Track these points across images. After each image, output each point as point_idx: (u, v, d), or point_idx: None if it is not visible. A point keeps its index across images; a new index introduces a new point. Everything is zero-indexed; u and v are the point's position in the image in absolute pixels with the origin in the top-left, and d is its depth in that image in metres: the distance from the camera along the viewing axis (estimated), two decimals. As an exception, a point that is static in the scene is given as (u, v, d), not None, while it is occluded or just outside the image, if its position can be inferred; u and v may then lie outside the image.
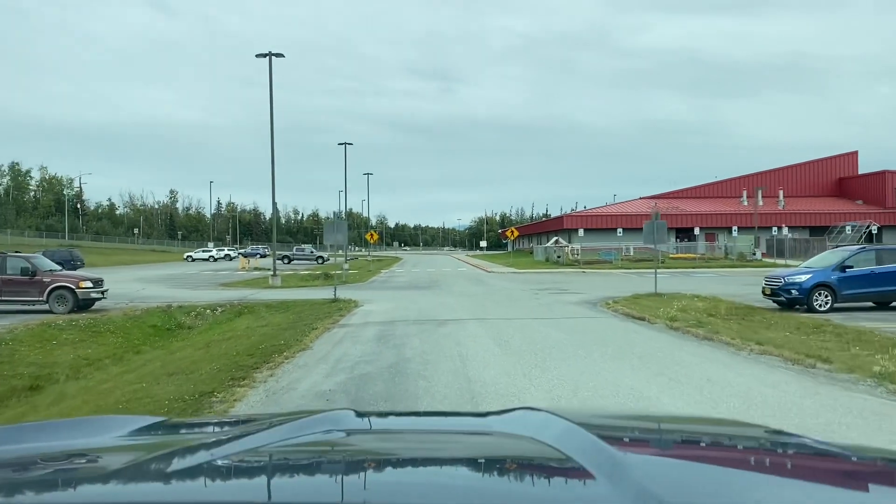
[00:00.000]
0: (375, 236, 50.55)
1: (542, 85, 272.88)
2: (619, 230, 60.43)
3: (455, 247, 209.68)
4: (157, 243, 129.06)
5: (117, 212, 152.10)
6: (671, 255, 48.90)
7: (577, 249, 52.23)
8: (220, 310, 21.94)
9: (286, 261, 71.63)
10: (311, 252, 74.26)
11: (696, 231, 61.44)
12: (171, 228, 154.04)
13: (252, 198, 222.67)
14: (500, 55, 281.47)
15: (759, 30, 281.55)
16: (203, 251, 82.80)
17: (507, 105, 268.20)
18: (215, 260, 77.88)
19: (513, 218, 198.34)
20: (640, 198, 72.43)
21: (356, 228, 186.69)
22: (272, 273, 36.29)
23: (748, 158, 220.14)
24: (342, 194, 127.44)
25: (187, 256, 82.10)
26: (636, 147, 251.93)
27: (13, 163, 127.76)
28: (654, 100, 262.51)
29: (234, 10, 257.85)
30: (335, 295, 22.79)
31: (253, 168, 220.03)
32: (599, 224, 64.10)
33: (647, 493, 1.07)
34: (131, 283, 34.94)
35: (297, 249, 74.68)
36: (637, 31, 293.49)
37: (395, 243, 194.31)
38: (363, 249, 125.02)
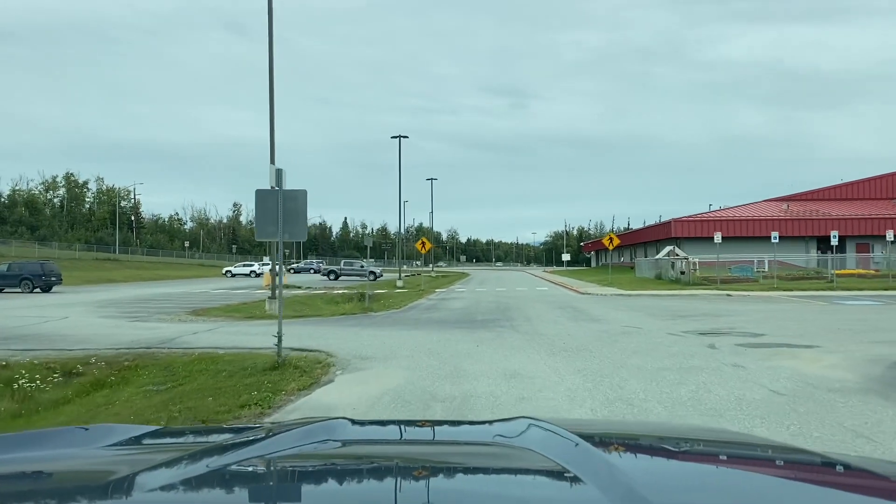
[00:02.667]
0: (428, 245, 38.75)
1: (615, 99, 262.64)
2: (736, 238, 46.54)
3: (529, 263, 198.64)
4: (216, 257, 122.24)
5: (185, 226, 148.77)
6: (838, 272, 34.95)
7: (695, 263, 38.97)
8: (80, 371, 10.60)
9: (332, 276, 61.03)
10: (362, 267, 63.16)
11: (835, 239, 47.01)
12: (234, 242, 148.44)
13: (326, 214, 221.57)
14: (571, 69, 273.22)
15: (845, 38, 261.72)
16: (244, 265, 73.19)
17: (579, 120, 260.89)
18: (257, 275, 68.05)
19: (591, 232, 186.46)
20: (765, 200, 58.29)
21: (428, 244, 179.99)
22: (270, 295, 24.92)
23: (841, 171, 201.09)
24: (404, 204, 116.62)
25: (226, 272, 72.69)
26: (714, 161, 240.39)
27: (68, 173, 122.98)
28: (732, 113, 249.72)
29: (308, 33, 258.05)
30: (280, 355, 10.84)
31: (324, 185, 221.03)
32: (712, 232, 50.43)
33: (641, 501, 1.07)
34: (63, 309, 24.16)
35: (345, 263, 63.83)
36: (713, 42, 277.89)
37: (463, 257, 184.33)
38: (426, 264, 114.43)
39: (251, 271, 70.30)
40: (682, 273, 36.39)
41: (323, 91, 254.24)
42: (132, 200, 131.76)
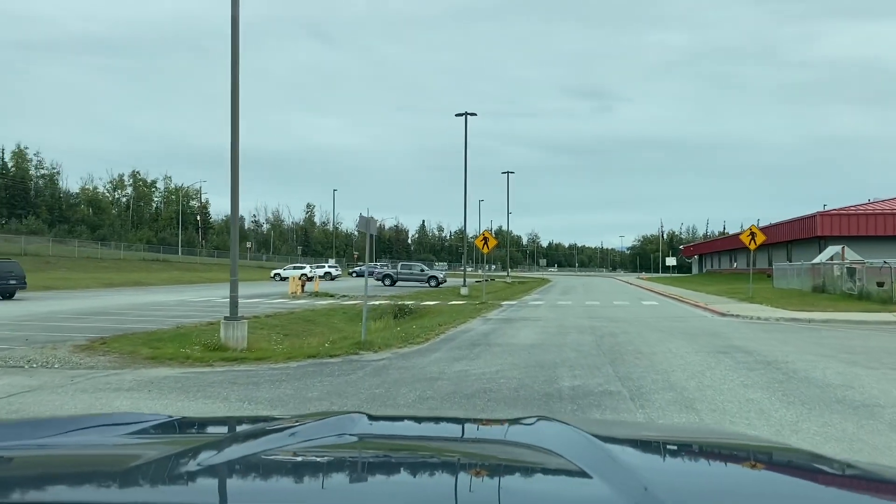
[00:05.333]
0: (492, 241, 28.65)
1: (703, 101, 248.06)
2: None
3: (615, 268, 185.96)
4: (288, 259, 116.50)
5: (261, 228, 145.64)
6: None
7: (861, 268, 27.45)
8: None
9: (388, 281, 51.94)
10: (422, 271, 53.85)
11: None
12: (305, 243, 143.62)
13: (403, 217, 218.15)
14: (657, 71, 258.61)
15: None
16: (294, 268, 65.15)
17: (666, 122, 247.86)
18: (309, 279, 59.87)
19: (683, 237, 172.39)
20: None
21: (504, 247, 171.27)
22: (227, 315, 15.64)
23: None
24: (480, 204, 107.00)
25: (274, 274, 64.87)
26: (809, 164, 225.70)
27: (134, 171, 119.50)
28: (828, 113, 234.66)
29: (391, 40, 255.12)
30: None
31: (403, 188, 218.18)
32: (875, 229, 38.39)
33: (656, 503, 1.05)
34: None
35: (402, 266, 54.64)
36: (806, 40, 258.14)
37: (544, 262, 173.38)
38: (504, 269, 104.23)
39: (302, 275, 62.11)
40: (858, 281, 24.82)
41: (404, 97, 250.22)
42: (201, 201, 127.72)
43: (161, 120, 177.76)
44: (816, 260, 31.77)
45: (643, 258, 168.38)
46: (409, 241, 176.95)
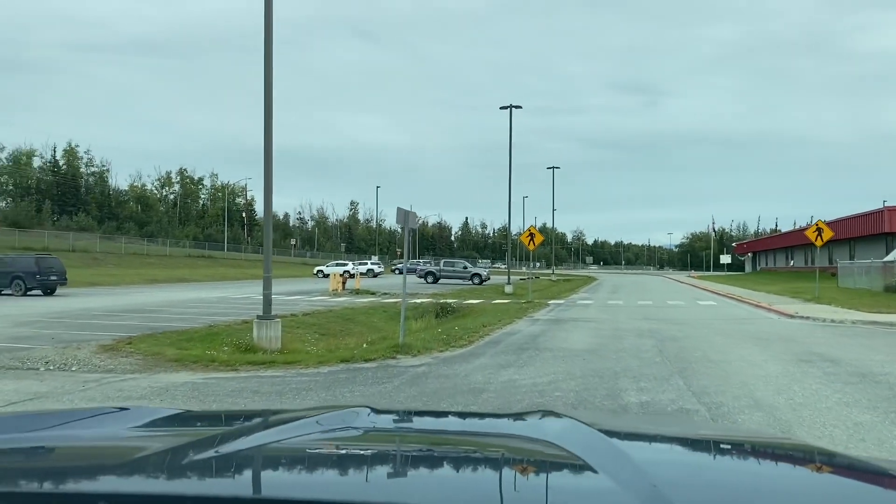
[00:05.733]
0: (538, 237, 27.28)
1: (756, 95, 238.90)
2: None
3: (662, 266, 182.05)
4: (332, 255, 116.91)
5: (306, 224, 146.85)
6: None
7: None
8: None
9: (430, 279, 51.09)
10: (465, 268, 52.77)
11: None
12: (349, 240, 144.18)
13: (446, 214, 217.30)
14: (707, 65, 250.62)
15: None
16: (337, 265, 64.66)
17: (715, 117, 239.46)
18: (351, 276, 59.36)
19: (733, 234, 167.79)
20: None
21: (549, 244, 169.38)
22: (261, 313, 14.83)
23: None
24: (524, 200, 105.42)
25: (317, 271, 64.59)
26: (865, 159, 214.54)
27: (181, 169, 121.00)
28: (886, 107, 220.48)
29: (435, 38, 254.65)
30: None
31: (447, 185, 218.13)
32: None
33: (662, 499, 1.04)
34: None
35: (445, 263, 53.69)
36: (864, 31, 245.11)
37: (590, 259, 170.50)
38: (549, 266, 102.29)
39: (344, 271, 61.64)
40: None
41: (448, 94, 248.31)
42: (246, 198, 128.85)
43: (208, 118, 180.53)
44: (890, 258, 29.57)
45: (692, 256, 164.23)
46: (452, 238, 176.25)
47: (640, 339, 13.86)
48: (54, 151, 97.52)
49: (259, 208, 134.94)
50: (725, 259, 63.44)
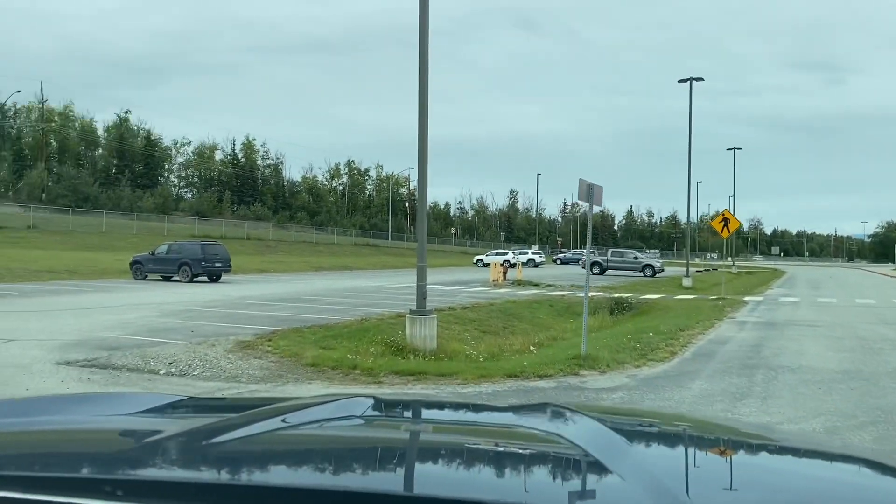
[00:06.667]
0: (734, 223, 23.33)
1: None
2: None
3: (851, 258, 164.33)
4: (492, 245, 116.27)
5: (467, 214, 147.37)
6: None
7: None
8: None
9: (597, 269, 47.61)
10: (635, 258, 48.84)
11: None
12: (509, 230, 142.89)
13: (608, 203, 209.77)
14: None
15: None
16: (496, 254, 62.84)
17: None
18: (511, 266, 57.33)
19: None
20: None
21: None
22: (414, 308, 12.96)
23: None
24: (697, 185, 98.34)
25: (477, 260, 63.05)
26: None
27: (349, 160, 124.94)
28: None
29: (597, 22, 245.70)
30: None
31: (608, 173, 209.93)
32: None
33: (666, 492, 1.04)
34: (87, 316, 14.39)
35: (613, 253, 49.95)
36: None
37: (776, 249, 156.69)
38: (723, 257, 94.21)
39: (504, 261, 59.62)
40: None
41: (610, 79, 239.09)
42: (409, 188, 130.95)
43: (373, 112, 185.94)
44: None
45: (887, 247, 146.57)
46: (616, 227, 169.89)
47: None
48: (234, 145, 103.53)
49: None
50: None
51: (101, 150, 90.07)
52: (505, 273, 32.92)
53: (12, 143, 76.99)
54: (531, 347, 14.26)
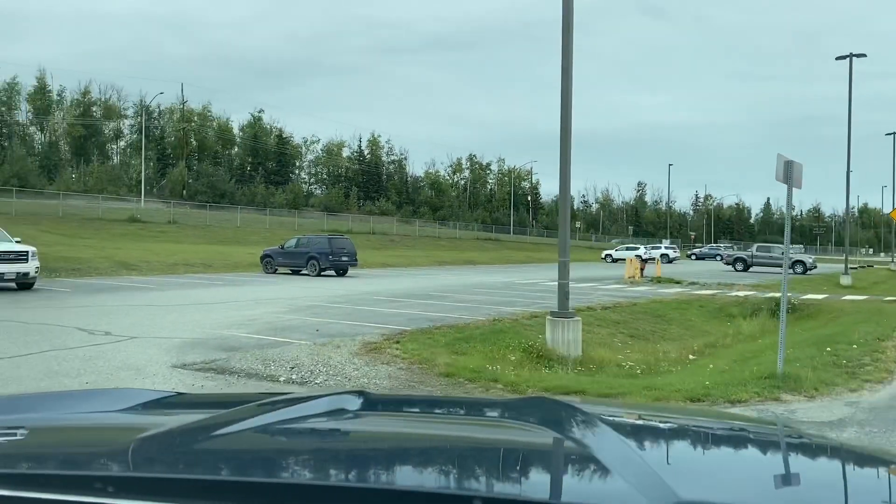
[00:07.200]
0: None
1: None
2: None
3: None
4: (619, 240, 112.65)
5: (590, 208, 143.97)
6: None
7: None
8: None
9: (740, 266, 44.15)
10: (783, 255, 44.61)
11: None
12: (637, 224, 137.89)
13: (743, 195, 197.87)
14: None
15: None
16: (627, 248, 60.01)
17: None
18: (644, 261, 54.43)
19: None
20: None
21: (872, 227, 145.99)
22: (556, 310, 11.55)
23: None
24: (848, 175, 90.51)
25: (606, 255, 60.40)
26: None
27: (471, 155, 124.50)
28: None
29: (729, 7, 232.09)
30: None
31: (742, 164, 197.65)
32: None
33: (660, 485, 1.03)
34: (199, 310, 13.94)
35: (758, 248, 46.23)
36: None
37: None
38: (878, 252, 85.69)
39: (636, 255, 56.71)
40: None
41: (743, 66, 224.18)
42: (531, 182, 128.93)
43: (495, 107, 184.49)
44: None
45: None
46: (752, 220, 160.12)
47: None
48: (360, 142, 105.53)
49: (544, 191, 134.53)
50: None
51: (236, 149, 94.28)
52: (642, 269, 30.67)
53: (156, 142, 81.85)
54: (690, 356, 12.44)
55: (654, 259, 43.63)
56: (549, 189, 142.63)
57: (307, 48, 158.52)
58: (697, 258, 70.27)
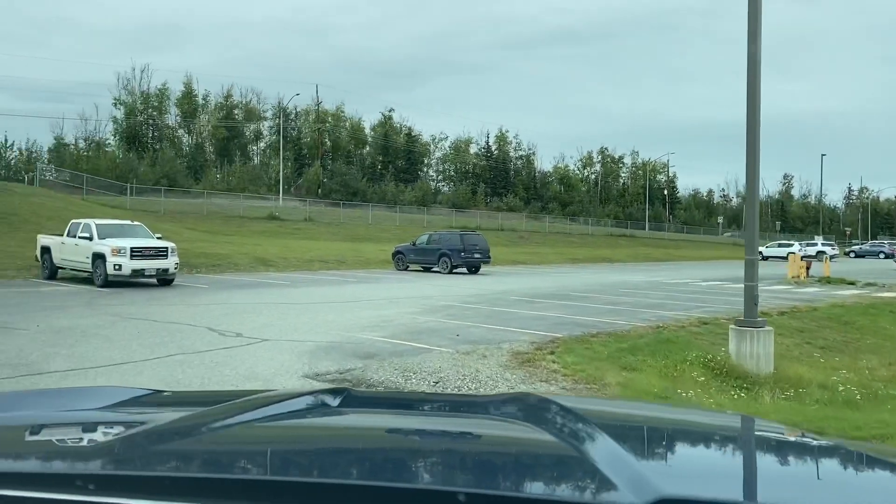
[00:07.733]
0: None
1: None
2: None
3: None
4: (764, 236, 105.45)
5: (730, 203, 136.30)
6: None
7: None
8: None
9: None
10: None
11: None
12: (783, 220, 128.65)
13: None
14: None
15: None
16: (779, 245, 55.51)
17: None
18: (813, 259, 49.97)
19: None
20: None
21: None
22: (742, 319, 9.64)
23: None
24: None
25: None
26: None
27: (602, 148, 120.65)
28: None
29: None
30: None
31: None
32: None
33: (645, 482, 1.02)
34: (344, 310, 13.12)
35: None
36: None
37: None
38: None
39: (789, 253, 52.09)
40: None
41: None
42: (667, 175, 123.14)
43: (627, 99, 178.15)
44: None
45: None
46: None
47: None
48: (487, 138, 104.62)
49: (681, 185, 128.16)
50: None
51: (368, 148, 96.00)
52: (808, 269, 27.46)
53: (293, 143, 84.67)
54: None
55: (819, 257, 39.47)
56: (685, 183, 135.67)
57: (433, 48, 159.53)
58: (857, 256, 63.85)
